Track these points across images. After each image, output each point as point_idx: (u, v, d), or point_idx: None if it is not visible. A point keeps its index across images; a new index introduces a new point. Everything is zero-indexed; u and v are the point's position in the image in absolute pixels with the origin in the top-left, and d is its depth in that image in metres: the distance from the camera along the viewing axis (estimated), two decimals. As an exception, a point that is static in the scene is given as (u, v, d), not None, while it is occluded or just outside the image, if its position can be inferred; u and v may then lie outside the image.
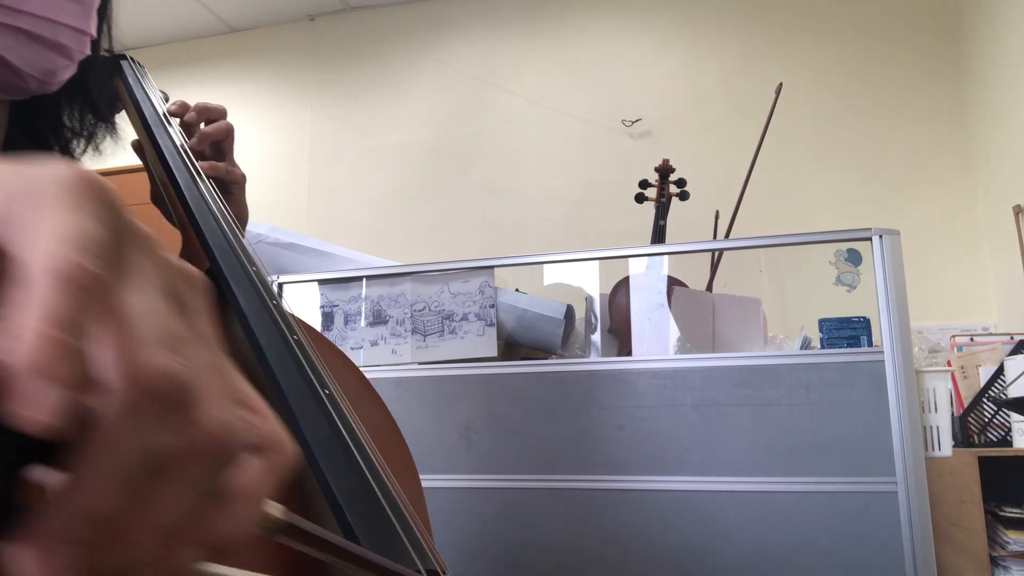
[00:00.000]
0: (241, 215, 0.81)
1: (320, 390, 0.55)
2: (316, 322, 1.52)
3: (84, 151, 0.72)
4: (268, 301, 0.60)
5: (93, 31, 0.61)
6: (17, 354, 0.17)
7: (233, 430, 0.22)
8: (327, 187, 3.59)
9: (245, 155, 0.81)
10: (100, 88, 0.70)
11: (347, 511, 0.47)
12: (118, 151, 0.77)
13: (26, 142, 0.66)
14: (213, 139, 0.77)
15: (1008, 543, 1.39)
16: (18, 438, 0.17)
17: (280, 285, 1.53)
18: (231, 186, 0.80)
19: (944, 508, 1.39)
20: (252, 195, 0.91)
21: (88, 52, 0.62)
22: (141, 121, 0.74)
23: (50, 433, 0.17)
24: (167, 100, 0.81)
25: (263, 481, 0.23)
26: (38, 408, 0.17)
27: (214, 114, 0.79)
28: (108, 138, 0.73)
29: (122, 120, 0.76)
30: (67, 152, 0.70)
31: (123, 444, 0.19)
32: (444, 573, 0.49)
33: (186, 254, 0.77)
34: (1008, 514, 1.42)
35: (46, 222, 0.19)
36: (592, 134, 3.26)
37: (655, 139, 3.17)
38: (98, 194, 0.21)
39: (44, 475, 0.18)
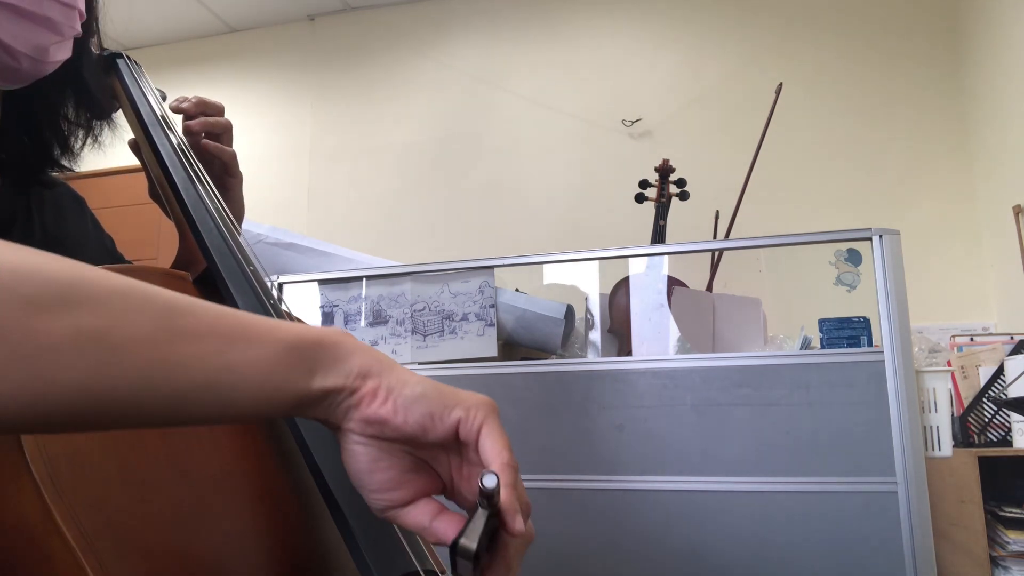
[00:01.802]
0: (237, 212, 0.81)
1: None
2: (316, 322, 1.52)
3: (83, 144, 0.72)
4: (266, 301, 0.60)
5: (81, 6, 0.61)
6: (507, 499, 0.42)
7: (532, 530, 0.45)
8: (327, 187, 3.59)
9: (245, 155, 0.81)
10: (95, 81, 0.70)
11: (346, 513, 0.47)
12: (117, 148, 0.77)
13: (19, 133, 0.66)
14: (212, 128, 0.77)
15: (1008, 543, 1.39)
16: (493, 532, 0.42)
17: (280, 285, 1.53)
18: (229, 181, 0.80)
19: (944, 508, 1.39)
20: (252, 195, 0.91)
21: (79, 29, 0.62)
22: (138, 120, 0.73)
23: (522, 534, 0.42)
24: (164, 98, 0.80)
25: (524, 545, 0.45)
26: (521, 524, 0.42)
27: (211, 109, 0.79)
28: (107, 129, 0.72)
29: (118, 119, 0.76)
30: (65, 146, 0.70)
31: (520, 539, 0.43)
32: (443, 574, 0.49)
33: (183, 253, 0.77)
34: (1008, 514, 1.42)
35: (494, 435, 0.43)
36: (592, 134, 3.26)
37: (655, 139, 3.17)
38: (498, 412, 0.44)
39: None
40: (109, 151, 0.74)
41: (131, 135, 0.76)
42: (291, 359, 0.39)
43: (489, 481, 0.39)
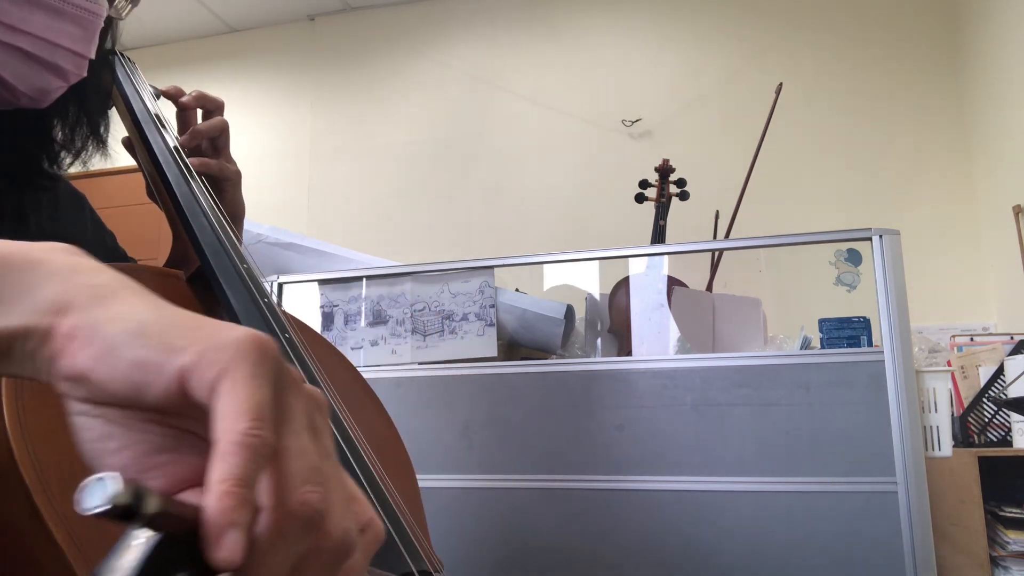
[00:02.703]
0: (236, 212, 0.80)
1: None
2: (316, 322, 1.52)
3: (72, 163, 0.71)
4: (259, 299, 0.59)
5: (92, 54, 0.60)
6: (211, 509, 0.24)
7: (351, 533, 0.29)
8: (327, 187, 3.59)
9: (245, 155, 0.80)
10: (95, 98, 0.69)
11: None
12: (118, 148, 0.77)
13: (6, 149, 0.65)
14: (206, 136, 0.76)
15: (1008, 543, 1.39)
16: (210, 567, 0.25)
17: (280, 285, 1.53)
18: (224, 183, 0.79)
19: (944, 508, 1.39)
20: (252, 195, 0.90)
21: (85, 75, 0.61)
22: (131, 118, 0.73)
23: (234, 567, 0.24)
24: (158, 96, 0.80)
25: (365, 558, 0.31)
26: (229, 551, 0.24)
27: (211, 103, 0.78)
28: (97, 155, 0.71)
29: (112, 117, 0.76)
30: (53, 161, 0.69)
31: (275, 554, 0.26)
32: (437, 573, 0.49)
33: (177, 250, 0.76)
34: (1008, 514, 1.42)
35: (230, 392, 0.26)
36: (592, 134, 3.26)
37: (655, 139, 3.17)
38: (266, 356, 0.28)
39: None
40: (108, 151, 0.74)
41: (125, 133, 0.75)
42: None
43: (91, 496, 0.22)
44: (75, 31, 0.56)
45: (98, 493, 0.23)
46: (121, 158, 0.77)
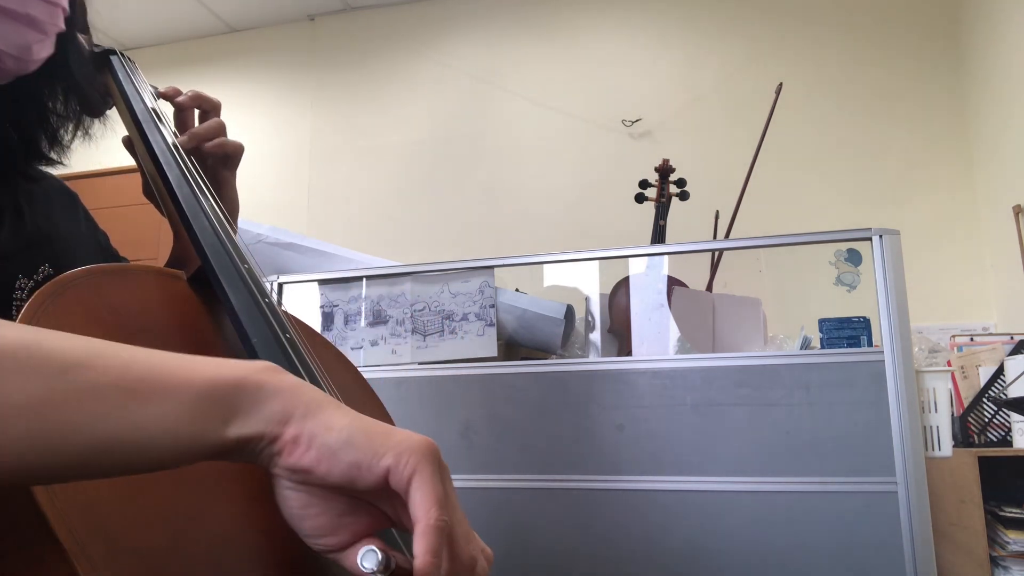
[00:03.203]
0: (232, 209, 0.80)
1: None
2: (316, 322, 1.52)
3: (73, 137, 0.71)
4: (260, 299, 0.59)
5: (64, 3, 0.61)
6: (421, 568, 0.36)
7: (483, 565, 0.43)
8: (327, 187, 3.59)
9: (245, 155, 0.80)
10: (86, 72, 0.69)
11: None
12: (116, 148, 0.77)
13: (4, 126, 0.66)
14: (205, 138, 0.76)
15: (1008, 543, 1.39)
16: None
17: (280, 285, 1.53)
18: (225, 174, 0.79)
19: (944, 508, 1.39)
20: (252, 195, 0.90)
21: (62, 26, 0.62)
22: (131, 117, 0.73)
23: None
24: (158, 96, 0.79)
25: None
26: None
27: (207, 104, 0.78)
28: (96, 122, 0.71)
29: (113, 115, 0.76)
30: (55, 139, 0.69)
31: None
32: None
33: (177, 250, 0.76)
34: (1008, 514, 1.42)
35: (423, 486, 0.39)
36: (592, 134, 3.26)
37: (655, 139, 3.17)
38: (439, 458, 0.41)
39: None
40: (107, 151, 0.74)
41: (125, 132, 0.75)
42: (203, 408, 0.37)
43: (368, 562, 0.37)
44: None
45: (372, 560, 0.38)
46: (118, 158, 0.77)
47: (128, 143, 0.76)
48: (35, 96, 0.66)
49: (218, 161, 0.77)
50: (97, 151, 0.75)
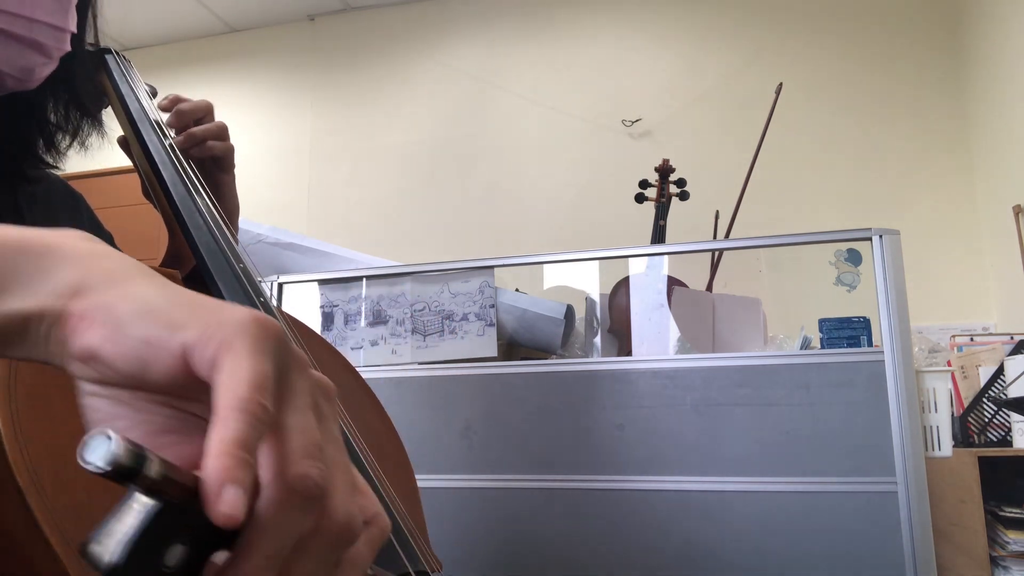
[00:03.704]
0: (231, 209, 0.80)
1: None
2: (316, 322, 1.52)
3: (69, 146, 0.71)
4: (256, 299, 0.59)
5: (72, 27, 0.60)
6: (210, 468, 0.24)
7: (355, 518, 0.29)
8: (327, 187, 3.59)
9: (245, 155, 0.80)
10: (85, 82, 0.69)
11: None
12: (105, 148, 0.77)
13: (5, 134, 0.65)
14: (203, 138, 0.76)
15: (1008, 543, 1.39)
16: (215, 532, 0.25)
17: (280, 285, 1.53)
18: (221, 176, 0.79)
19: (944, 508, 1.39)
20: (252, 195, 0.90)
21: (68, 48, 0.61)
22: (127, 116, 0.73)
23: (235, 523, 0.24)
24: (155, 95, 0.79)
25: (367, 552, 0.31)
26: (229, 505, 0.24)
27: (197, 114, 0.77)
28: (94, 134, 0.71)
29: (107, 116, 0.75)
30: (52, 146, 0.69)
31: (275, 531, 0.26)
32: (435, 573, 0.49)
33: (173, 249, 0.76)
34: (1008, 514, 1.42)
35: (232, 365, 0.26)
36: (592, 134, 3.26)
37: (655, 139, 3.17)
38: (268, 333, 0.28)
39: (222, 558, 0.25)
40: (107, 151, 0.74)
41: (121, 132, 0.75)
42: None
43: (92, 452, 0.22)
44: (50, 3, 0.56)
45: (101, 450, 0.23)
46: (118, 158, 0.77)
47: (124, 143, 0.75)
48: (33, 107, 0.66)
49: (210, 163, 0.77)
50: (98, 151, 0.75)
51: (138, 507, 0.23)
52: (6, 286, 0.29)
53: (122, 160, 0.78)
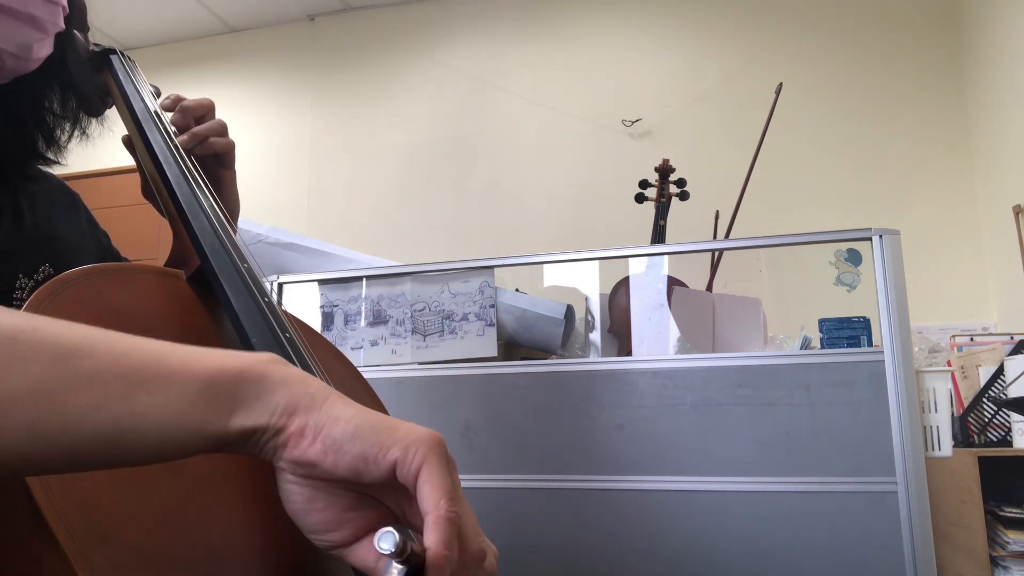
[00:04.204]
0: (232, 206, 0.80)
1: None
2: (316, 322, 1.52)
3: (70, 137, 0.71)
4: (260, 299, 0.59)
5: (64, 1, 0.61)
6: (435, 556, 0.37)
7: (489, 558, 0.41)
8: (327, 187, 3.59)
9: (245, 155, 0.80)
10: (83, 71, 0.69)
11: None
12: (115, 148, 0.77)
13: (3, 127, 0.65)
14: (206, 136, 0.76)
15: (1008, 543, 1.39)
16: None
17: (280, 285, 1.53)
18: (223, 173, 0.79)
19: (944, 508, 1.39)
20: (252, 195, 0.90)
21: (62, 25, 0.62)
22: (131, 116, 0.73)
23: None
24: (159, 95, 0.79)
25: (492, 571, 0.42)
26: None
27: (199, 111, 0.77)
28: (94, 122, 0.71)
29: (112, 115, 0.75)
30: (51, 139, 0.69)
31: None
32: None
33: (177, 250, 0.76)
34: (1008, 514, 1.42)
35: (433, 478, 0.38)
36: (592, 134, 3.26)
37: (655, 139, 3.17)
38: (446, 450, 0.40)
39: None
40: (107, 151, 0.74)
41: (125, 132, 0.75)
42: (206, 399, 0.36)
43: (385, 542, 0.36)
44: None
45: (390, 541, 0.36)
46: (117, 158, 0.77)
47: (128, 142, 0.76)
48: (32, 95, 0.66)
49: (211, 160, 0.77)
50: (97, 151, 0.75)
51: (399, 570, 0.37)
52: (234, 407, 0.37)
53: (120, 160, 0.78)
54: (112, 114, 0.76)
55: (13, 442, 0.31)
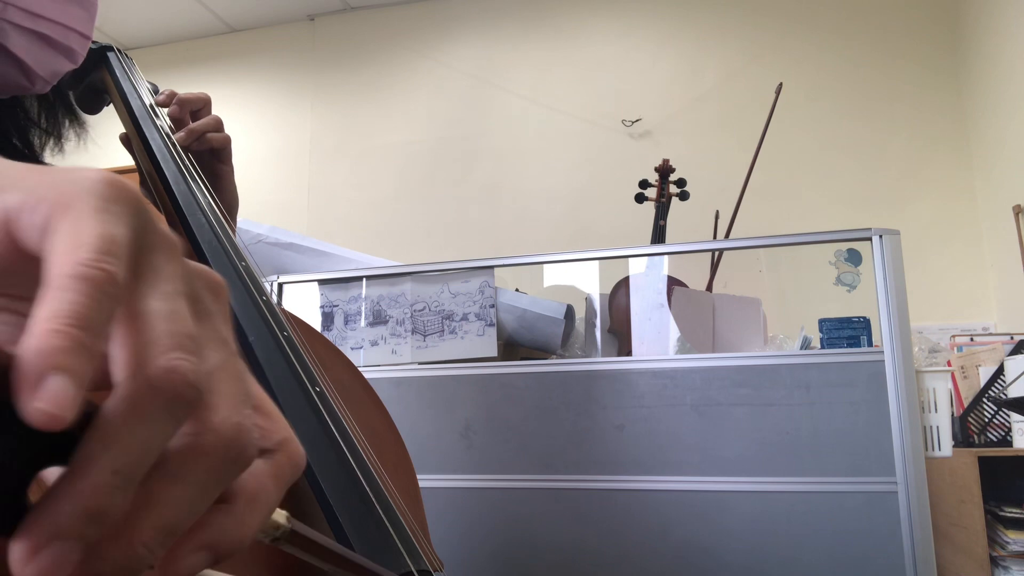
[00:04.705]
0: (230, 201, 0.80)
1: (310, 388, 0.54)
2: (316, 322, 1.52)
3: (44, 145, 0.71)
4: (258, 297, 0.59)
5: (92, 35, 0.62)
6: (28, 348, 0.17)
7: (244, 433, 0.22)
8: (327, 187, 3.59)
9: (245, 155, 0.80)
10: (75, 84, 0.69)
11: (337, 511, 0.47)
12: (114, 148, 0.77)
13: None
14: (203, 131, 0.76)
15: (1008, 543, 1.39)
16: (37, 438, 0.17)
17: (280, 285, 1.53)
18: (220, 168, 0.79)
19: (944, 508, 1.39)
20: (252, 195, 0.90)
21: (85, 55, 0.63)
22: (128, 114, 0.73)
23: (56, 425, 0.17)
24: (156, 92, 0.79)
25: (272, 486, 0.24)
26: (49, 400, 0.17)
27: (196, 104, 0.77)
28: (75, 138, 0.72)
29: (110, 113, 0.75)
30: (30, 147, 0.69)
31: (128, 440, 0.19)
32: (436, 572, 0.49)
33: None
34: (1008, 514, 1.42)
35: (71, 226, 0.19)
36: (592, 134, 3.26)
37: (655, 139, 3.17)
38: (123, 196, 0.21)
39: (55, 474, 0.19)
40: (106, 151, 0.74)
41: (123, 130, 0.75)
42: None
43: None
44: (82, 13, 0.59)
45: None
46: (116, 158, 0.77)
47: (125, 140, 0.76)
48: (21, 108, 0.66)
49: (208, 155, 0.77)
50: (96, 151, 0.75)
51: None
52: None
53: (117, 160, 0.78)
54: (110, 112, 0.76)
55: None
